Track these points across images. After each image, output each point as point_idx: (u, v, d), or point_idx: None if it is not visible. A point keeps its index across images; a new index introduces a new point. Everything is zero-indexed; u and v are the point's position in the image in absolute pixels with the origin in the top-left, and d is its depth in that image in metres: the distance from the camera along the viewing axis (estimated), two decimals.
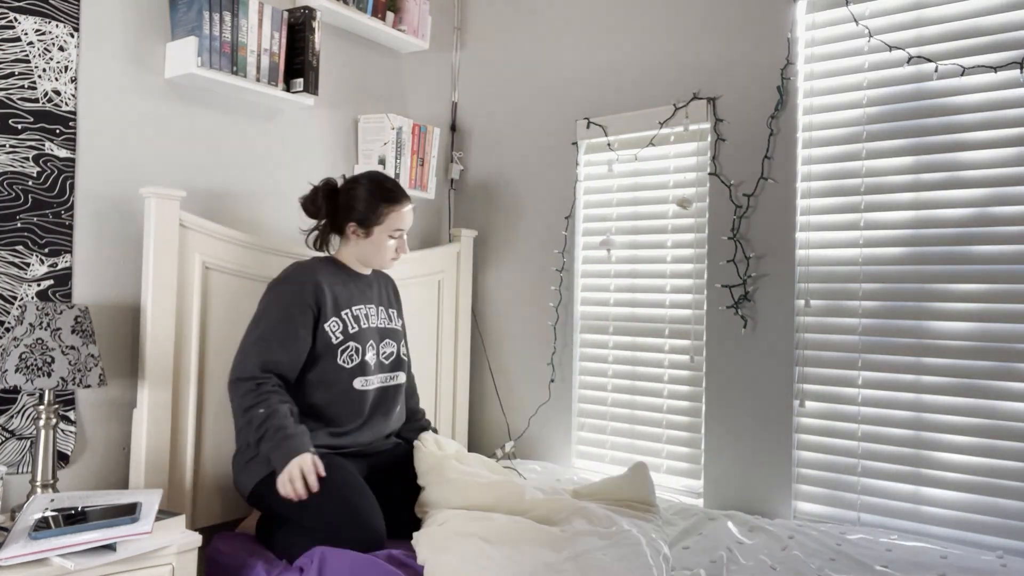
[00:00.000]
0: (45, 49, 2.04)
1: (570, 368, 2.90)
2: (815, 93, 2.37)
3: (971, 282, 2.10)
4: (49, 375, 1.81)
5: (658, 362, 2.69)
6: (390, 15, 2.88)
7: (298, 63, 2.47)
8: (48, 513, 1.71)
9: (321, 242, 2.24)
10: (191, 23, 2.22)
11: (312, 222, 2.39)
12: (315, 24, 2.48)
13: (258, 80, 2.37)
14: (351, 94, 2.88)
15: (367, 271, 2.32)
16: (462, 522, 1.88)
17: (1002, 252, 2.06)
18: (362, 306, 2.22)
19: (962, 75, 2.12)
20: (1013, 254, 2.04)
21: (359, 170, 2.87)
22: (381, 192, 2.18)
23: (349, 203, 2.18)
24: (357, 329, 2.18)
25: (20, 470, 1.99)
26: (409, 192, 2.94)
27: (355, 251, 2.23)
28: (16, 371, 1.80)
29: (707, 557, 1.89)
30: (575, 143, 2.91)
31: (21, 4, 2.01)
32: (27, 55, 2.02)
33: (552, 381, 2.93)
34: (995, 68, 2.07)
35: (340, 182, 2.25)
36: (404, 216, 2.20)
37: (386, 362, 2.26)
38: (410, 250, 3.05)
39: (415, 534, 1.89)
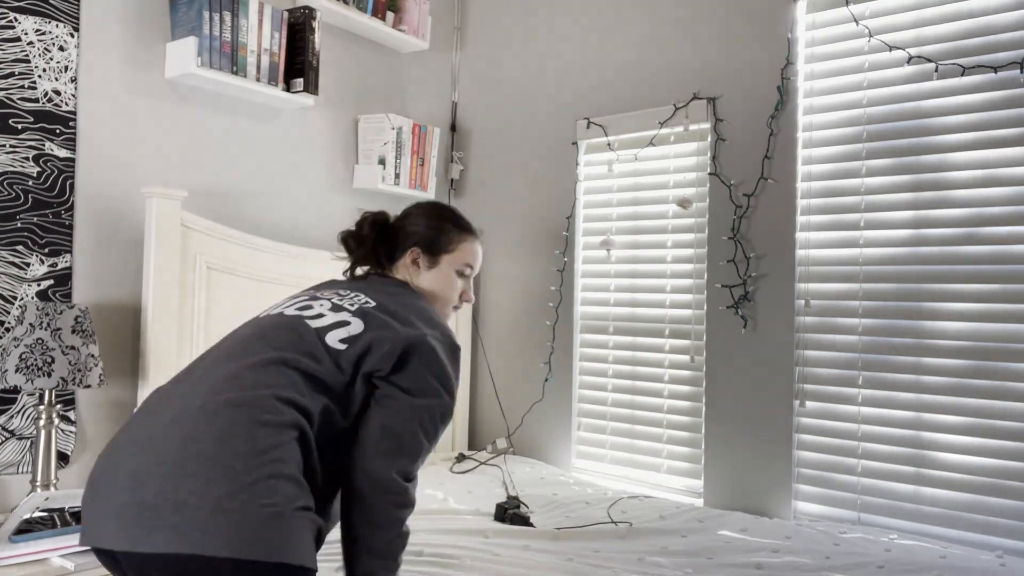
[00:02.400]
0: (45, 49, 2.04)
1: (570, 368, 2.90)
2: (815, 93, 2.37)
3: (971, 282, 2.10)
4: (49, 375, 1.81)
5: (658, 362, 2.69)
6: (390, 15, 2.88)
7: (298, 63, 2.47)
8: (37, 514, 1.71)
9: (351, 271, 1.72)
10: (191, 23, 2.22)
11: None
12: (315, 24, 2.48)
13: (258, 80, 2.37)
14: (351, 94, 2.88)
15: None
16: None
17: (1002, 252, 2.06)
18: None
19: (962, 75, 2.12)
20: (1013, 254, 2.04)
21: (359, 170, 2.87)
22: (449, 216, 1.73)
23: (409, 227, 1.68)
24: None
25: (20, 470, 1.99)
26: (409, 192, 2.94)
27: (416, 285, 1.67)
28: (16, 371, 1.80)
29: (703, 557, 1.89)
30: (575, 143, 2.91)
31: (21, 4, 2.01)
32: (27, 55, 2.02)
33: (547, 380, 2.93)
34: (995, 68, 2.06)
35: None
36: (477, 251, 1.73)
37: None
38: None
39: None
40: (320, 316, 1.42)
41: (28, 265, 2.02)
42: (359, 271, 1.70)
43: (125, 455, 1.19)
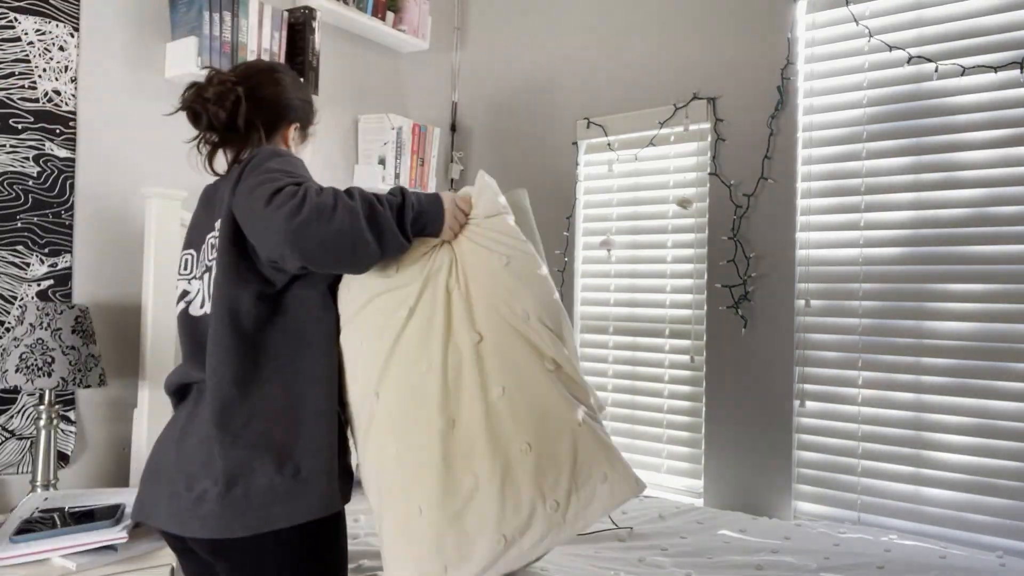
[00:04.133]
0: (45, 49, 2.04)
1: None
2: (815, 93, 2.37)
3: (971, 282, 2.10)
4: (49, 375, 1.81)
5: (658, 362, 2.69)
6: (390, 15, 2.88)
7: (298, 63, 2.47)
8: (37, 514, 1.71)
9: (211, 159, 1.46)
10: (191, 23, 2.22)
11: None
12: (315, 24, 2.48)
13: None
14: (351, 94, 2.88)
15: None
16: None
17: (1002, 252, 2.06)
18: None
19: (962, 75, 2.12)
20: (1013, 254, 2.04)
21: (360, 172, 2.87)
22: (303, 84, 1.56)
23: (282, 96, 1.46)
24: None
25: (20, 470, 1.99)
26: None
27: None
28: (16, 371, 1.80)
29: (703, 557, 1.89)
30: (575, 143, 2.91)
31: (21, 4, 2.01)
32: (27, 55, 2.02)
33: None
34: (995, 68, 2.07)
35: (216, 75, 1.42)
36: None
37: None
38: None
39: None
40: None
41: (28, 265, 2.02)
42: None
43: None
